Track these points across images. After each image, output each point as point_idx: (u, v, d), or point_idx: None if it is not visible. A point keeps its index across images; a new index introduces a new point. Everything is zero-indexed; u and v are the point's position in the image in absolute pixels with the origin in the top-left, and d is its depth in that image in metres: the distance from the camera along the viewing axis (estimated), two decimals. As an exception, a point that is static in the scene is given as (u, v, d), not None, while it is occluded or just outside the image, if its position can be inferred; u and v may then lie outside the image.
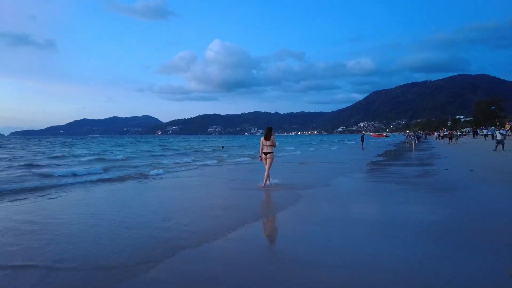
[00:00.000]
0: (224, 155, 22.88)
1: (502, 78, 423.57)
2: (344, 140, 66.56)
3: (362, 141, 34.97)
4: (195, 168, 14.30)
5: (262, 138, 8.78)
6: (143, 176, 11.43)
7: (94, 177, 10.89)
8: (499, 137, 20.13)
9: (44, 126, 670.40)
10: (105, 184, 9.65)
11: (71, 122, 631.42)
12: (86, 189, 8.76)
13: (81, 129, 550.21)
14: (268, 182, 8.70)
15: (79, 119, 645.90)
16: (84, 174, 11.77)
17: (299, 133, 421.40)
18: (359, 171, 12.38)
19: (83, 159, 20.03)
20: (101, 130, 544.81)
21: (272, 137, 8.73)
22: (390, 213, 5.57)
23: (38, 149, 33.18)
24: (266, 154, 8.71)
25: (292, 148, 34.35)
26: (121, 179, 10.70)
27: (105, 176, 11.38)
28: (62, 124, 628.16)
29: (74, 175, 11.63)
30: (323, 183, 9.24)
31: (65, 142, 52.12)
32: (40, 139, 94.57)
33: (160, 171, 12.48)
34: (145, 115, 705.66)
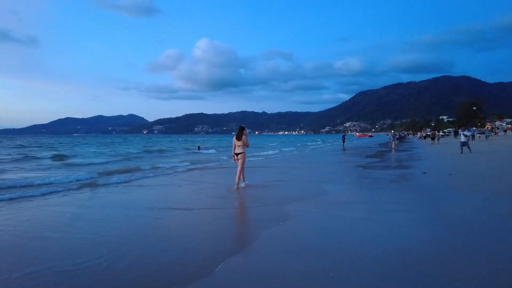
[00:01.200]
0: (200, 157, 21.32)
1: (483, 80, 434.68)
2: (324, 140, 65.58)
3: (343, 142, 34.02)
4: (152, 177, 12.69)
5: (234, 138, 8.46)
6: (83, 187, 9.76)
7: None
8: (463, 138, 18.48)
9: (25, 125, 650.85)
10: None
11: (55, 120, 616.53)
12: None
13: (65, 128, 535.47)
14: (243, 184, 8.37)
15: (62, 117, 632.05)
16: None
17: (286, 132, 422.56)
18: (323, 176, 11.07)
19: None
20: (85, 129, 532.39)
21: (244, 136, 8.36)
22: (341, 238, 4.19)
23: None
24: (237, 154, 8.40)
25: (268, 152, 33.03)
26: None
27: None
28: (45, 122, 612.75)
29: None
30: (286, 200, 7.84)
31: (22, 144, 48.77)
32: (16, 139, 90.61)
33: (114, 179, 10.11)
34: (131, 114, 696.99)
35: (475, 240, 3.84)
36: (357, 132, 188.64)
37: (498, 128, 71.59)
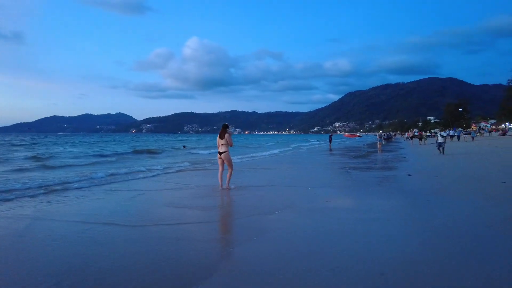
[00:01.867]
0: (191, 157, 20.49)
1: (469, 82, 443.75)
2: (311, 141, 65.10)
3: (330, 142, 33.64)
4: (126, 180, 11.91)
5: (218, 136, 7.97)
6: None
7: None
8: (440, 139, 17.67)
9: (10, 123, 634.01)
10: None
11: (40, 119, 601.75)
12: None
13: (51, 126, 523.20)
14: (227, 186, 7.91)
15: (49, 116, 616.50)
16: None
17: (276, 132, 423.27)
18: (306, 176, 10.53)
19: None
20: (72, 127, 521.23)
21: (226, 135, 7.85)
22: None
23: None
24: (220, 154, 7.91)
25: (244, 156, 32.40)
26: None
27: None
28: (31, 121, 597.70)
29: None
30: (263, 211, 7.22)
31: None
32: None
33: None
34: (119, 112, 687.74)
35: (464, 257, 3.29)
36: (346, 132, 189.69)
37: (483, 129, 72.75)
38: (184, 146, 32.22)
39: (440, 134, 18.37)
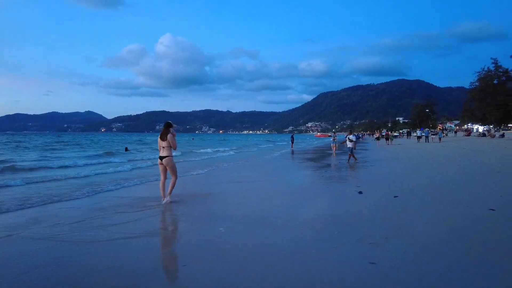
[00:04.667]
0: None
1: (435, 84, 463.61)
2: (275, 141, 62.35)
3: (292, 142, 30.85)
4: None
5: (159, 137, 6.53)
6: None
7: None
8: (349, 144, 14.25)
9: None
10: None
11: (1, 116, 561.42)
12: None
13: (13, 124, 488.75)
14: (168, 198, 6.32)
15: (11, 113, 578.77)
16: None
17: (251, 132, 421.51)
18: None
19: None
20: (38, 126, 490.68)
21: (169, 135, 6.38)
22: None
23: None
24: (162, 158, 6.41)
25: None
26: None
27: None
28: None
29: None
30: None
31: None
32: None
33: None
34: (88, 110, 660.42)
35: None
36: (318, 132, 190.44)
37: (449, 130, 73.74)
38: (126, 149, 28.16)
39: (348, 138, 14.56)
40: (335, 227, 4.53)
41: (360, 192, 7.14)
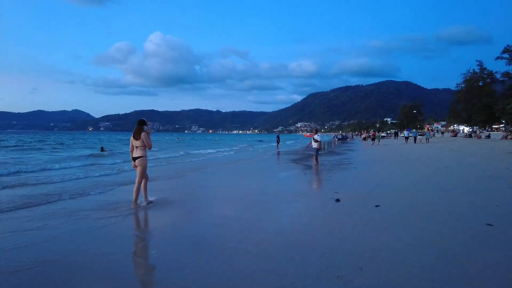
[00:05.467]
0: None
1: (422, 85, 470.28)
2: (263, 140, 61.52)
3: (278, 142, 29.86)
4: None
5: (131, 136, 5.89)
6: None
7: None
8: (314, 145, 13.00)
9: None
10: None
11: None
12: None
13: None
14: (144, 202, 5.82)
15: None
16: None
17: (240, 131, 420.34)
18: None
19: None
20: (23, 124, 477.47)
21: (143, 134, 5.76)
22: None
23: None
24: (135, 159, 5.84)
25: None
26: None
27: None
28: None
29: None
30: None
31: None
32: None
33: None
34: (75, 109, 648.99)
35: None
36: (307, 132, 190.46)
37: (436, 131, 74.23)
38: (102, 148, 26.72)
39: (313, 138, 13.31)
40: (294, 252, 3.52)
41: (338, 200, 6.19)
